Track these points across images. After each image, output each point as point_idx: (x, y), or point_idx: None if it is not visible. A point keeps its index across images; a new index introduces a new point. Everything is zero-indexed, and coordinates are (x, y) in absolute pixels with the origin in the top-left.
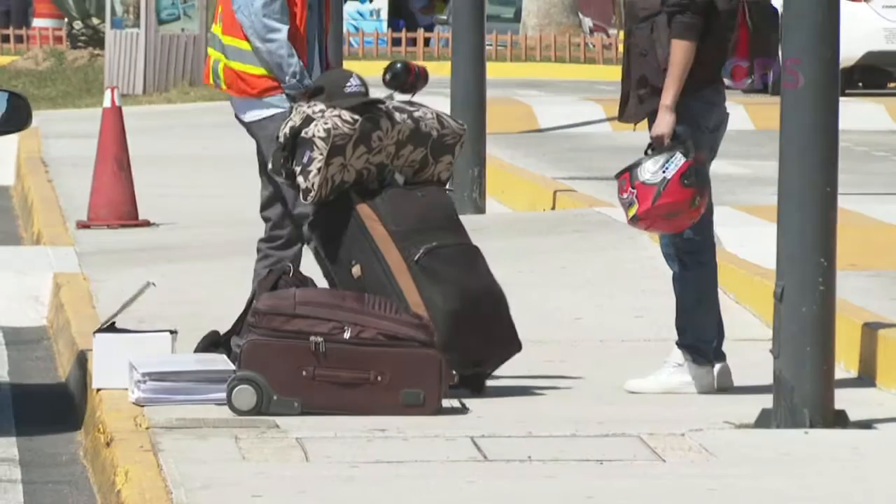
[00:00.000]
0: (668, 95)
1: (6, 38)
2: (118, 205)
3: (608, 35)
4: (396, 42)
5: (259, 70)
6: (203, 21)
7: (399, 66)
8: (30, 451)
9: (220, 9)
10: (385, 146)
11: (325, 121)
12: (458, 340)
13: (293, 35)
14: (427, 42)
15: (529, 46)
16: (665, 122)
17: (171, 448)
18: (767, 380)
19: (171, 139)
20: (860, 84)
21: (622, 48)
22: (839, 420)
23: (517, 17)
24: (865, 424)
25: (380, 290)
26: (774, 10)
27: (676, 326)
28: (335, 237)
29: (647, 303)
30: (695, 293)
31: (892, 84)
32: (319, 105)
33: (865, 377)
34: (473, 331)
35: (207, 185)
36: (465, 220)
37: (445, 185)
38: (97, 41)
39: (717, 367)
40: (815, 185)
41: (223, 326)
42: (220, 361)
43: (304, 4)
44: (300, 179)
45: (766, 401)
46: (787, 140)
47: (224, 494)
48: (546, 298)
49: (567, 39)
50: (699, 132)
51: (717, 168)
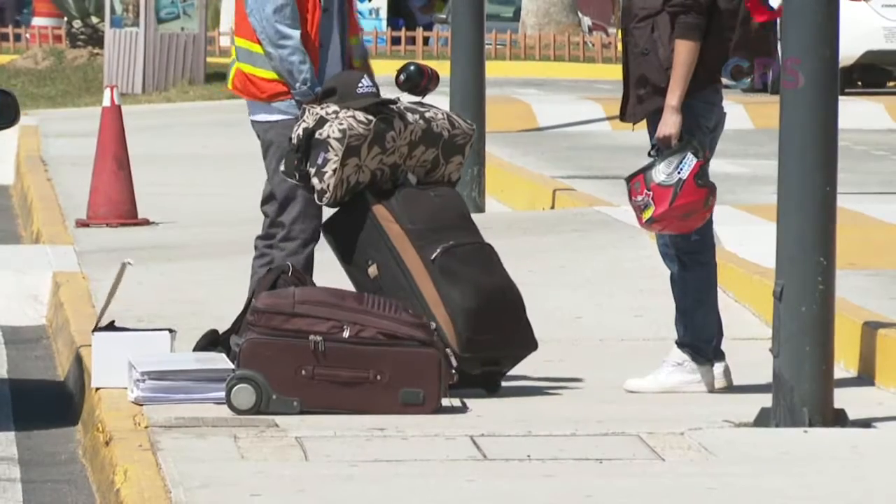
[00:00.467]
0: (674, 96)
1: (5, 37)
2: (117, 203)
3: (607, 34)
4: (396, 41)
5: (269, 74)
6: (202, 20)
7: (413, 69)
8: (29, 450)
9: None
10: (398, 147)
11: (340, 122)
12: (477, 339)
13: (305, 40)
14: (426, 41)
15: (529, 45)
16: (672, 123)
17: (170, 447)
18: (767, 379)
19: (171, 138)
20: (859, 83)
21: (621, 47)
22: (838, 419)
23: (516, 16)
24: (865, 423)
25: (397, 290)
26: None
27: (676, 326)
28: (351, 238)
29: (647, 302)
30: (694, 293)
31: (892, 83)
32: (332, 106)
33: (865, 376)
34: (490, 329)
35: (207, 184)
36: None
37: (456, 185)
38: (96, 40)
39: (717, 367)
40: (815, 185)
41: (222, 325)
42: (220, 360)
43: (317, 8)
44: (315, 181)
45: (766, 400)
46: (787, 139)
47: (223, 493)
48: (545, 298)
49: (566, 38)
50: (700, 132)
51: (717, 167)
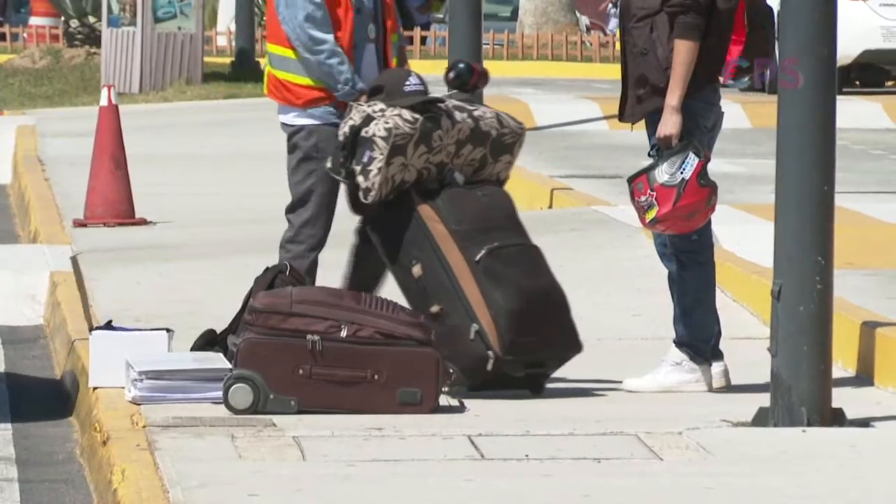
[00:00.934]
0: (674, 96)
1: (2, 37)
2: (115, 203)
3: (605, 33)
4: None
5: (305, 80)
6: (199, 19)
7: (462, 66)
8: (26, 450)
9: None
10: (445, 145)
11: (386, 120)
12: (520, 341)
13: (339, 42)
14: (424, 41)
15: (526, 45)
16: (672, 123)
17: (168, 447)
18: (765, 378)
19: (168, 137)
20: (857, 82)
21: (619, 47)
22: (836, 418)
23: (514, 16)
24: (863, 423)
25: (440, 290)
26: (770, 9)
27: (674, 325)
28: (395, 237)
29: (645, 301)
30: (693, 293)
31: (890, 82)
32: (379, 104)
33: (863, 376)
34: (534, 331)
35: (204, 184)
36: None
37: (504, 184)
38: (94, 39)
39: (715, 366)
40: (813, 184)
41: (220, 325)
42: (217, 360)
43: (349, 10)
44: (360, 179)
45: (764, 399)
46: (785, 138)
47: (221, 493)
48: None
49: (564, 38)
50: (699, 132)
51: (715, 166)
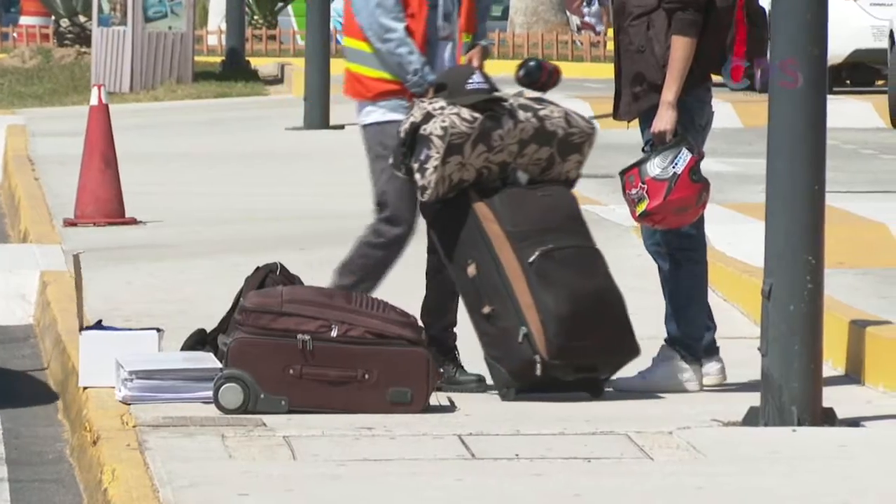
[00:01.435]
0: (670, 92)
1: None
2: (105, 203)
3: (596, 33)
4: None
5: (376, 72)
6: (190, 19)
7: (533, 64)
8: (16, 450)
9: None
10: (507, 145)
11: (444, 118)
12: (569, 345)
13: (411, 35)
14: None
15: (517, 44)
16: (668, 119)
17: (158, 446)
18: (755, 378)
19: (158, 137)
20: (848, 82)
21: (612, 46)
22: (827, 418)
23: (505, 15)
24: (853, 422)
25: (493, 291)
26: (762, 9)
27: (666, 324)
28: (452, 235)
29: (636, 301)
30: (686, 291)
31: (881, 82)
32: (441, 101)
33: (853, 375)
34: (585, 336)
35: (194, 183)
36: None
37: (574, 184)
38: (84, 39)
39: (707, 365)
40: (803, 183)
41: (210, 324)
42: (207, 360)
43: (423, 4)
44: (417, 176)
45: (754, 399)
46: (775, 138)
47: (211, 493)
48: None
49: (555, 37)
50: (693, 129)
51: (706, 166)
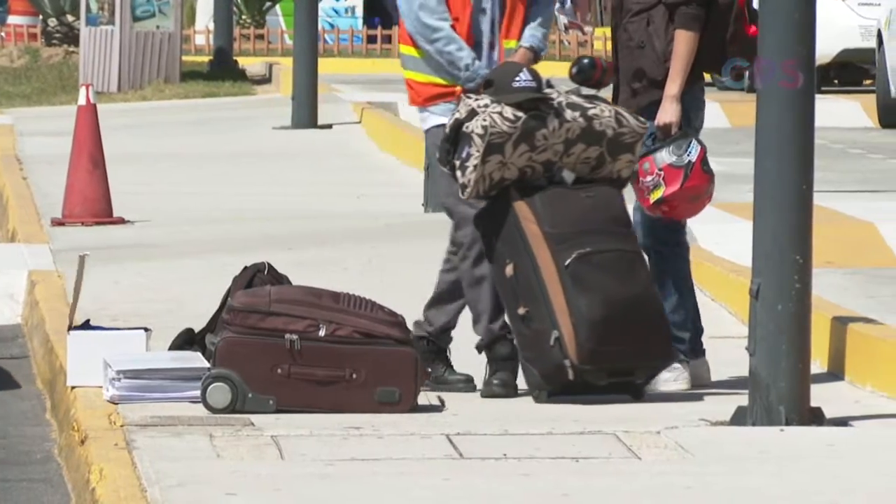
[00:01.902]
0: (674, 86)
1: None
2: (93, 202)
3: (583, 33)
4: (372, 39)
5: (424, 77)
6: (178, 18)
7: (586, 62)
8: (4, 449)
9: None
10: (551, 144)
11: (485, 117)
12: (601, 350)
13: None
14: None
15: None
16: (673, 111)
17: (146, 446)
18: (743, 377)
19: (146, 137)
20: (836, 81)
21: (599, 45)
22: (815, 417)
23: None
24: (841, 422)
25: (528, 292)
26: (754, 10)
27: None
28: (494, 234)
29: None
30: (671, 287)
31: (868, 81)
32: (486, 99)
33: (841, 375)
34: (619, 341)
35: (182, 183)
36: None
37: (626, 183)
38: (72, 38)
39: (695, 363)
40: (791, 183)
41: (198, 324)
42: (195, 359)
43: (467, 6)
44: (458, 174)
45: (742, 398)
46: (763, 137)
47: (199, 492)
48: None
49: None
50: (690, 128)
51: None
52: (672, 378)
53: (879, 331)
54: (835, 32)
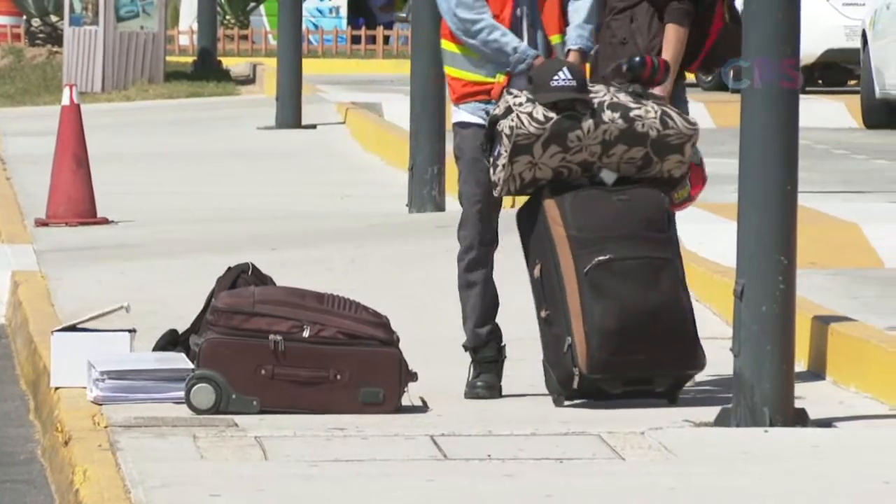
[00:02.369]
0: (668, 83)
1: None
2: (77, 202)
3: None
4: (356, 40)
5: (457, 72)
6: (162, 19)
7: (637, 60)
8: None
9: None
10: (587, 145)
11: (513, 117)
12: (613, 360)
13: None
14: (386, 40)
15: None
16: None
17: (130, 447)
18: (728, 378)
19: (130, 137)
20: (820, 82)
21: None
22: (799, 418)
23: None
24: (825, 423)
25: (550, 295)
26: (735, 10)
27: None
28: (528, 234)
29: None
30: None
31: (853, 82)
32: (523, 97)
33: (826, 375)
34: (635, 351)
35: (166, 183)
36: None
37: (678, 183)
38: (56, 38)
39: None
40: (776, 184)
41: (182, 325)
42: (179, 360)
43: (507, 4)
44: (491, 172)
45: (726, 399)
46: (748, 138)
47: (183, 493)
48: (508, 295)
49: None
50: None
51: None
52: None
53: (863, 331)
54: (819, 32)
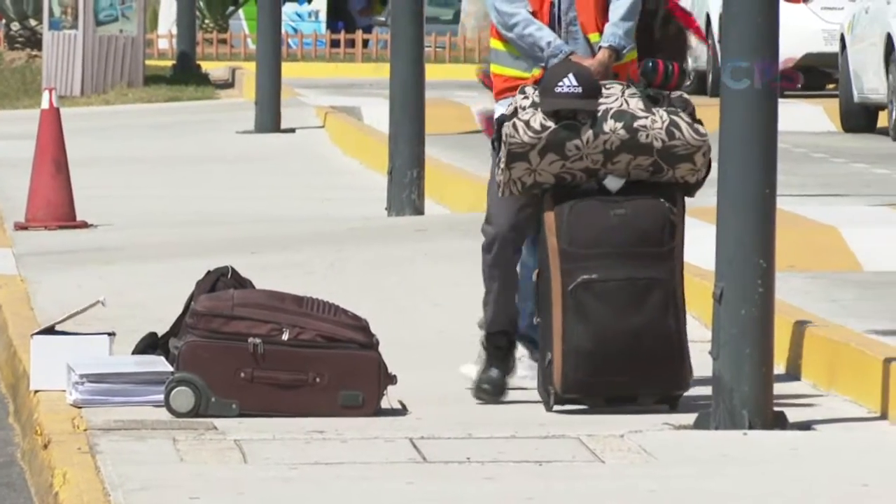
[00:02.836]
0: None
1: None
2: (56, 206)
3: None
4: (335, 44)
5: (499, 69)
6: (141, 22)
7: (649, 65)
8: None
9: None
10: (587, 154)
11: (509, 125)
12: (589, 381)
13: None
14: (366, 44)
15: (468, 48)
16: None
17: (109, 450)
18: (707, 381)
19: (109, 140)
20: (799, 86)
21: None
22: (778, 421)
23: (456, 19)
24: (804, 426)
25: (543, 303)
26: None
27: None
28: (537, 236)
29: None
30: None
31: (831, 85)
32: (530, 101)
33: (804, 379)
34: (613, 372)
35: (145, 186)
36: (404, 222)
37: (696, 188)
38: (35, 42)
39: None
40: (754, 187)
41: (161, 328)
42: (159, 363)
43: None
44: (497, 171)
45: (706, 402)
46: (727, 142)
47: (162, 496)
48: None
49: None
50: None
51: None
52: (531, 376)
53: (842, 334)
54: (798, 36)
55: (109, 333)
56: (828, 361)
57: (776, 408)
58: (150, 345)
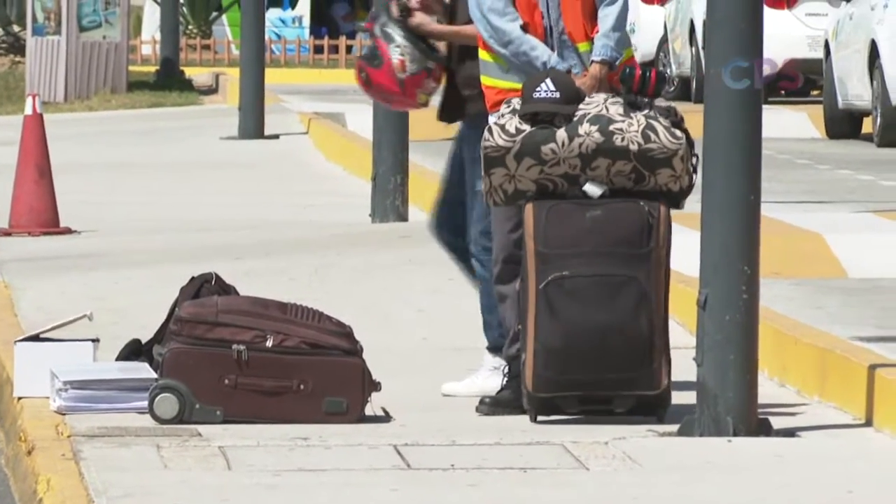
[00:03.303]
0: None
1: None
2: (39, 212)
3: None
4: (319, 49)
5: (493, 81)
6: (124, 28)
7: (627, 72)
8: None
9: None
10: (564, 158)
11: (486, 129)
12: (560, 380)
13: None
14: (349, 49)
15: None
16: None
17: (93, 456)
18: (691, 388)
19: (93, 146)
20: (783, 92)
21: None
22: (762, 428)
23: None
24: (789, 432)
25: (522, 309)
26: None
27: (484, 332)
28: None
29: None
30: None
31: (815, 92)
32: (510, 108)
33: (789, 385)
34: (582, 370)
35: (129, 193)
36: (388, 228)
37: (681, 197)
38: (18, 48)
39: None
40: (739, 193)
41: (145, 334)
42: (143, 370)
43: (535, 8)
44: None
45: (690, 409)
46: (711, 148)
47: (146, 503)
48: (464, 305)
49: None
50: None
51: None
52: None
53: (826, 341)
54: (782, 43)
55: (93, 340)
56: (812, 368)
57: (761, 414)
58: (134, 351)
